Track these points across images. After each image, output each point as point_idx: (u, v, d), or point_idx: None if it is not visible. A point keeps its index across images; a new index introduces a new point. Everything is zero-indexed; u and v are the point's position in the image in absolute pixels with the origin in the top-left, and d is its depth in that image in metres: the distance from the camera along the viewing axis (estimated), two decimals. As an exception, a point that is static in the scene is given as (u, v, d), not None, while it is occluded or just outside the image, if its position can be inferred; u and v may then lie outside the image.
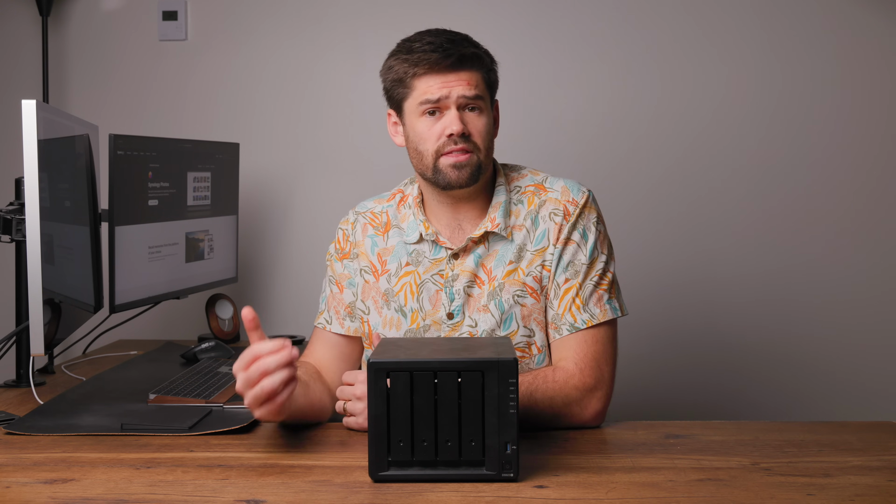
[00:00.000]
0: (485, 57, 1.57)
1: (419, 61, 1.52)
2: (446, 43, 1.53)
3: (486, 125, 1.57)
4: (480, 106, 1.55)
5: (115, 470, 1.31)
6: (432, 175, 1.56)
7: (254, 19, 2.79)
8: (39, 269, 1.63)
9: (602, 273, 1.60)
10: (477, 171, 1.55)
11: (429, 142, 1.55)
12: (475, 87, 1.54)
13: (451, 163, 1.53)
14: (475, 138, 1.55)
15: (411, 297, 1.61)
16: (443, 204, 1.62)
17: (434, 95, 1.52)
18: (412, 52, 1.54)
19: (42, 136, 1.67)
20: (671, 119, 2.74)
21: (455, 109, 1.53)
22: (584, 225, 1.61)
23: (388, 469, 1.24)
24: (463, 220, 1.63)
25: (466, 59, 1.53)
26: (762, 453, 1.36)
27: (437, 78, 1.52)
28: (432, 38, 1.53)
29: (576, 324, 1.56)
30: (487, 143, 1.57)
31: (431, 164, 1.55)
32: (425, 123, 1.55)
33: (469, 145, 1.54)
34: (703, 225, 2.75)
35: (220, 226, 2.55)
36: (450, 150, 1.53)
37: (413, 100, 1.55)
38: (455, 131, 1.52)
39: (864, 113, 2.72)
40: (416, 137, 1.56)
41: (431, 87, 1.53)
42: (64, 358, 2.41)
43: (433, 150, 1.54)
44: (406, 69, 1.54)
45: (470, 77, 1.54)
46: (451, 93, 1.52)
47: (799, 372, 2.75)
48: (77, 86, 2.82)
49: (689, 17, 2.73)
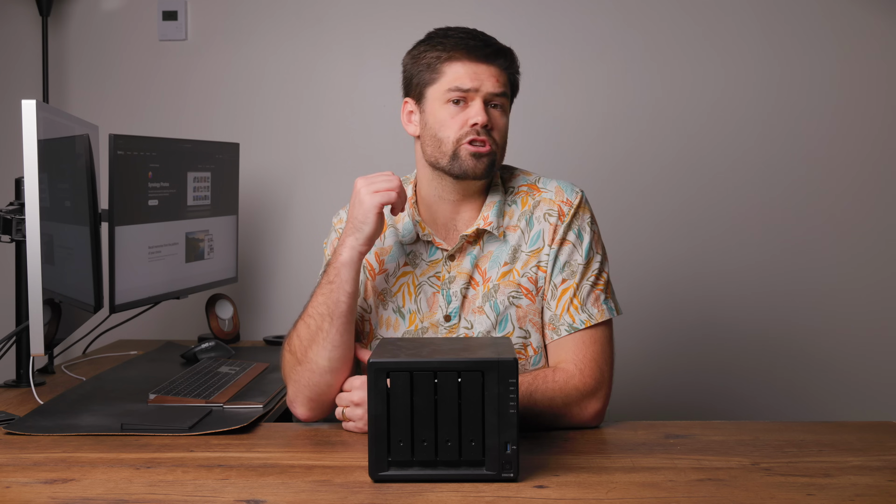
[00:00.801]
0: (515, 59, 1.60)
1: (457, 45, 1.54)
2: (482, 35, 1.57)
3: (506, 125, 1.59)
4: (504, 104, 1.58)
5: (115, 470, 1.31)
6: (448, 162, 1.56)
7: (254, 19, 2.79)
8: (39, 269, 1.63)
9: (598, 273, 1.60)
10: (492, 166, 1.56)
11: (450, 129, 1.55)
12: (503, 84, 1.56)
13: (471, 151, 1.54)
14: (495, 134, 1.56)
15: (409, 299, 1.61)
16: (443, 201, 1.62)
17: (465, 84, 1.54)
18: (448, 37, 1.56)
19: (42, 136, 1.67)
20: (671, 119, 2.74)
21: (481, 101, 1.54)
22: (579, 225, 1.61)
23: (388, 469, 1.24)
24: (459, 220, 1.62)
25: (501, 54, 1.56)
26: (762, 453, 1.36)
27: (469, 66, 1.54)
28: (469, 30, 1.57)
29: (574, 324, 1.56)
30: (504, 143, 1.59)
31: (450, 151, 1.55)
32: (448, 111, 1.55)
33: (490, 139, 1.55)
34: (703, 224, 2.75)
35: (220, 226, 2.55)
36: (472, 140, 1.54)
37: (440, 85, 1.56)
38: (480, 121, 1.53)
39: (861, 112, 2.72)
40: (437, 124, 1.56)
41: (462, 75, 1.54)
42: (64, 358, 2.41)
43: (454, 137, 1.55)
44: (439, 53, 1.55)
45: (499, 74, 1.56)
46: (482, 86, 1.54)
47: (798, 372, 2.75)
48: (77, 86, 2.82)
49: (688, 17, 2.73)
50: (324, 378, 1.50)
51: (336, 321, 1.49)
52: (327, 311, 1.50)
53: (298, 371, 1.52)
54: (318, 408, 1.54)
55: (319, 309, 1.50)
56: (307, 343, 1.51)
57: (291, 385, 1.54)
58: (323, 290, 1.52)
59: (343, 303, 1.49)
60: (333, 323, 1.49)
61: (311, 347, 1.50)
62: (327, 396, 1.52)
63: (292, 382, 1.54)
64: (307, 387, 1.52)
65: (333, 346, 1.50)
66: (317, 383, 1.51)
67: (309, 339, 1.51)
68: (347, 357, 1.52)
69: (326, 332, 1.49)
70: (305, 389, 1.52)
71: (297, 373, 1.52)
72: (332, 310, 1.49)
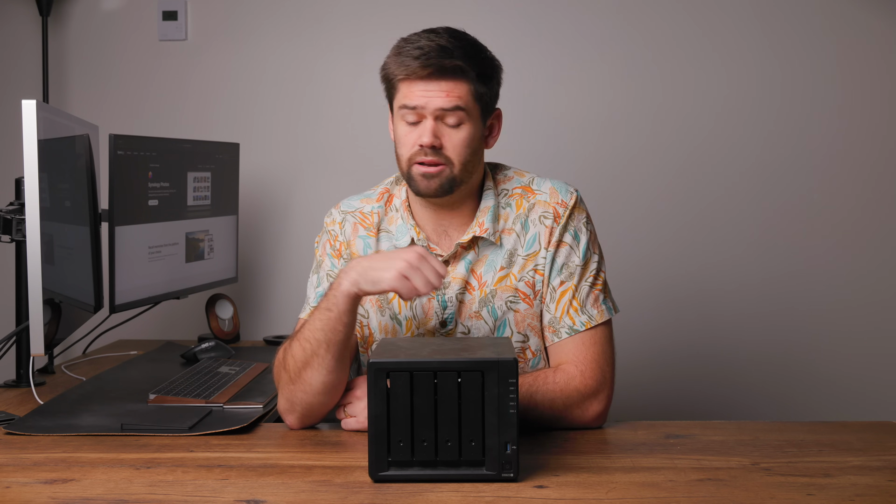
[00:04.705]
0: (472, 69, 1.50)
1: (401, 64, 1.50)
2: (435, 50, 1.48)
3: (465, 138, 1.52)
4: (461, 118, 1.51)
5: (115, 470, 1.31)
6: (407, 180, 1.56)
7: (254, 19, 2.79)
8: (39, 269, 1.63)
9: (596, 273, 1.60)
10: (448, 185, 1.52)
11: (404, 147, 1.53)
12: (456, 98, 1.49)
13: (421, 172, 1.52)
14: (448, 152, 1.51)
15: (405, 305, 1.60)
16: (427, 209, 1.60)
17: (412, 103, 1.50)
18: (400, 53, 1.51)
19: (42, 136, 1.67)
20: (671, 119, 2.74)
21: (431, 120, 1.50)
22: (575, 226, 1.60)
23: (388, 469, 1.24)
24: (448, 226, 1.61)
25: (447, 71, 1.48)
26: (762, 453, 1.36)
27: (416, 85, 1.50)
28: (424, 43, 1.49)
29: (574, 326, 1.55)
30: (465, 157, 1.52)
31: (406, 170, 1.54)
32: (404, 129, 1.53)
33: (440, 158, 1.51)
34: (704, 225, 2.75)
35: (220, 226, 2.55)
36: (420, 161, 1.51)
37: (396, 101, 1.54)
38: (425, 143, 1.50)
39: (864, 114, 2.72)
40: (397, 140, 1.56)
41: (411, 93, 1.50)
42: (64, 358, 2.41)
43: (407, 156, 1.53)
44: (392, 70, 1.53)
45: (452, 88, 1.49)
46: (428, 103, 1.49)
47: (799, 371, 2.75)
48: (77, 86, 2.82)
49: (689, 17, 2.73)
50: (317, 398, 1.48)
51: (332, 348, 1.45)
52: (324, 339, 1.45)
53: (291, 389, 1.49)
54: (310, 421, 1.53)
55: (317, 335, 1.46)
56: (301, 365, 1.47)
57: (284, 400, 1.52)
58: (321, 315, 1.46)
59: (340, 332, 1.45)
60: (330, 350, 1.45)
61: (305, 370, 1.47)
62: (320, 412, 1.52)
63: (284, 398, 1.52)
64: (300, 405, 1.50)
65: (328, 371, 1.46)
66: (310, 403, 1.49)
67: (304, 361, 1.47)
68: (342, 379, 1.50)
69: (322, 358, 1.46)
70: (298, 407, 1.50)
71: (290, 391, 1.50)
72: (330, 337, 1.45)
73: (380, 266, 1.42)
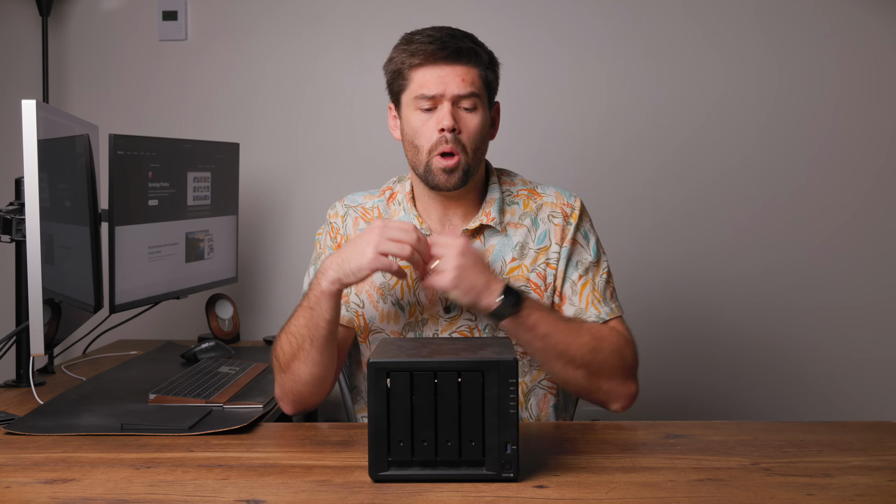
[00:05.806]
0: (483, 55, 1.57)
1: (416, 52, 1.53)
2: (446, 36, 1.54)
3: (479, 125, 1.56)
4: (476, 104, 1.55)
5: (115, 470, 1.31)
6: (423, 173, 1.57)
7: (254, 19, 2.79)
8: (39, 269, 1.63)
9: (608, 272, 1.66)
10: (465, 175, 1.56)
11: (423, 137, 1.55)
12: (471, 83, 1.54)
13: (441, 166, 1.54)
14: (464, 137, 1.54)
15: (408, 291, 1.62)
16: (433, 200, 1.63)
17: (430, 91, 1.53)
18: (411, 42, 1.55)
19: (42, 136, 1.67)
20: (670, 119, 2.74)
21: (449, 104, 1.53)
22: (584, 228, 1.67)
23: (388, 469, 1.24)
24: (453, 216, 1.64)
25: (463, 53, 1.53)
26: (762, 453, 1.36)
27: (433, 71, 1.53)
28: (433, 32, 1.55)
29: (601, 315, 1.60)
30: (477, 144, 1.56)
31: (425, 162, 1.56)
32: (420, 118, 1.55)
33: (458, 146, 1.54)
34: (702, 224, 2.75)
35: (220, 226, 2.55)
36: (442, 152, 1.53)
37: (410, 92, 1.56)
38: (446, 126, 1.52)
39: (862, 112, 2.72)
40: (412, 132, 1.57)
41: (427, 81, 1.53)
42: (64, 358, 2.41)
43: (427, 147, 1.55)
44: (404, 59, 1.55)
45: (466, 73, 1.54)
46: (447, 89, 1.53)
47: (798, 371, 2.75)
48: (77, 86, 2.82)
49: (687, 17, 2.73)
50: (306, 388, 1.55)
51: (316, 343, 1.51)
52: (308, 334, 1.51)
53: (283, 377, 1.56)
54: (303, 408, 1.59)
55: (301, 330, 1.51)
56: (290, 357, 1.54)
57: (277, 387, 1.59)
58: (304, 313, 1.51)
59: (322, 328, 1.50)
60: (314, 344, 1.51)
61: (293, 362, 1.53)
62: (311, 401, 1.58)
63: (278, 385, 1.59)
64: (291, 392, 1.57)
65: (314, 363, 1.52)
66: (301, 392, 1.56)
67: (291, 353, 1.53)
68: (329, 371, 1.55)
69: (307, 352, 1.51)
70: (290, 394, 1.57)
71: (283, 379, 1.57)
72: (313, 333, 1.50)
73: (352, 255, 1.45)
